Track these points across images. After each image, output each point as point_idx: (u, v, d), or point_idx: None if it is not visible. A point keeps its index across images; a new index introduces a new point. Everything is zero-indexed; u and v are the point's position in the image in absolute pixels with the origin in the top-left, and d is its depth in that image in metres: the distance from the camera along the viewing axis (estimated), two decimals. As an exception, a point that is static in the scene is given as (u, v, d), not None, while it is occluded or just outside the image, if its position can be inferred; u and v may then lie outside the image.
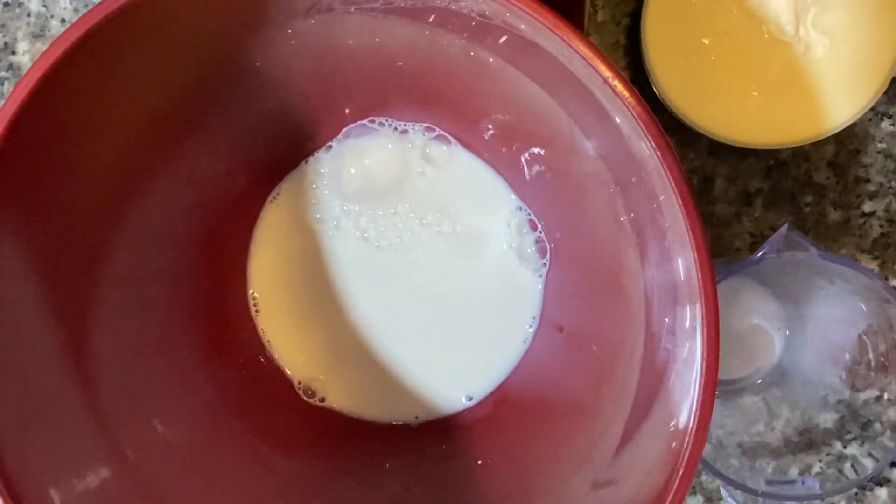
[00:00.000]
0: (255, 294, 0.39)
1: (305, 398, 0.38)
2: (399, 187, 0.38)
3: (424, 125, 0.37)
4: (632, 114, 0.25)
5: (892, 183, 0.41)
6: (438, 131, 0.38)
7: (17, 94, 0.26)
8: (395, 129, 0.38)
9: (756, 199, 0.41)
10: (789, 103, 0.37)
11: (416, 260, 0.38)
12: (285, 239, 0.38)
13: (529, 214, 0.37)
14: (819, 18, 0.36)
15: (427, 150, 0.38)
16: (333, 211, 0.38)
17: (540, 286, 0.38)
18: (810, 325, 0.40)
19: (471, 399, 0.38)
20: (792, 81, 0.36)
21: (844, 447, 0.38)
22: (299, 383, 0.38)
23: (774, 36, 0.36)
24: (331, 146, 0.38)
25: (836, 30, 0.36)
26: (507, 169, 0.37)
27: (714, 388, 0.25)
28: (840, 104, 0.36)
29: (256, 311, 0.38)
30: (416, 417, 0.38)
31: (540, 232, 0.37)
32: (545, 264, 0.37)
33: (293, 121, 0.36)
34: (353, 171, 0.38)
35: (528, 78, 0.30)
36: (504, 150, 0.37)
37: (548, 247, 0.37)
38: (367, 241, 0.38)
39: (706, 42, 0.36)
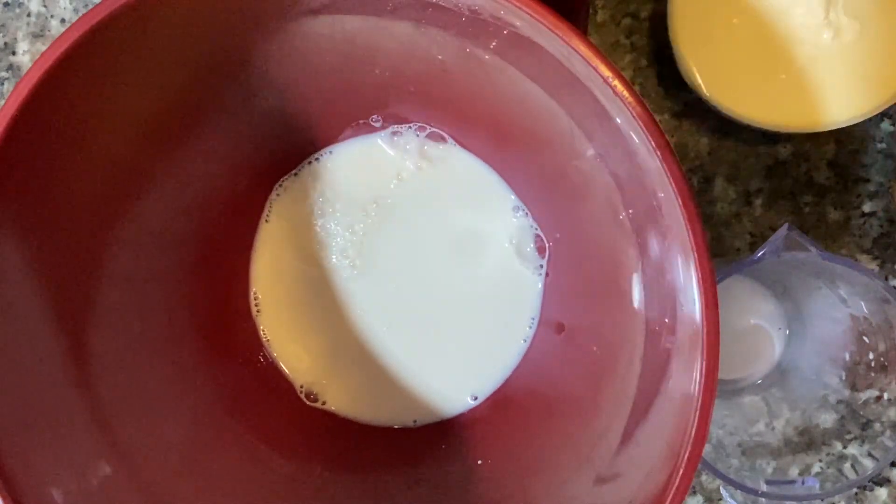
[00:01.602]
0: (257, 294, 0.39)
1: (308, 402, 0.38)
2: (399, 186, 0.38)
3: (424, 124, 0.38)
4: (632, 114, 0.25)
5: (893, 183, 0.41)
6: (438, 130, 0.38)
7: (17, 94, 0.26)
8: (396, 128, 0.38)
9: (756, 199, 0.41)
10: (817, 87, 0.36)
11: (415, 260, 0.38)
12: (286, 239, 0.38)
13: (528, 214, 0.37)
14: (850, 3, 0.35)
15: (426, 150, 0.38)
16: (334, 210, 0.38)
17: (539, 285, 0.38)
18: (810, 325, 0.40)
19: (475, 398, 0.38)
20: (820, 66, 0.36)
21: (844, 447, 0.38)
22: (301, 387, 0.38)
23: (804, 19, 0.36)
24: (331, 146, 0.38)
25: (867, 16, 0.35)
26: (505, 168, 0.37)
27: (714, 387, 0.25)
28: (868, 91, 0.36)
29: (258, 312, 0.38)
30: (415, 421, 0.38)
31: (539, 231, 0.37)
32: (544, 264, 0.37)
33: (293, 121, 0.36)
34: (353, 169, 0.38)
35: (528, 78, 0.30)
36: (503, 149, 0.37)
37: (547, 246, 0.37)
38: (367, 241, 0.38)
39: (735, 22, 0.36)
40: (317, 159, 0.38)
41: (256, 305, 0.39)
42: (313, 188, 0.38)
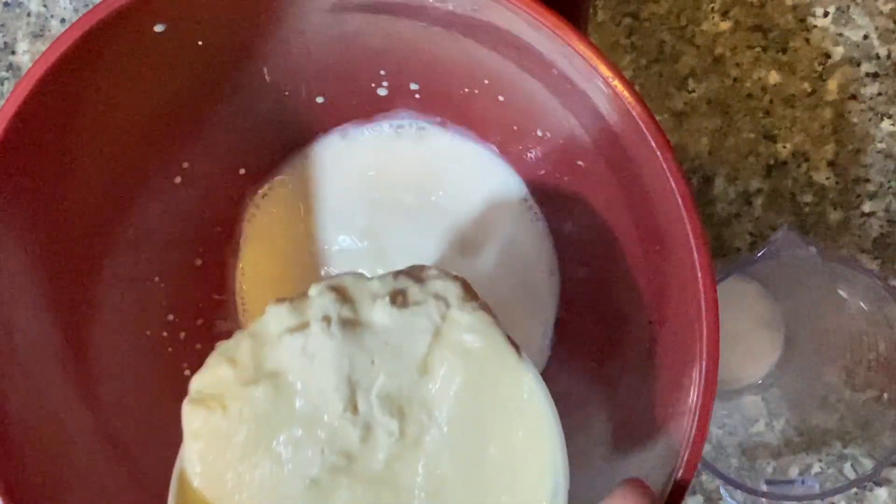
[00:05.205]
0: (257, 294, 0.39)
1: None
2: (401, 182, 0.38)
3: (426, 121, 0.38)
4: (632, 114, 0.25)
5: (892, 183, 0.41)
6: (440, 127, 0.38)
7: (17, 94, 0.26)
8: (398, 125, 0.38)
9: (756, 199, 0.42)
10: None
11: (418, 254, 0.38)
12: (286, 237, 0.38)
13: (536, 210, 0.37)
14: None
15: (428, 147, 0.38)
16: (335, 207, 0.38)
17: (546, 283, 0.37)
18: (810, 325, 0.40)
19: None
20: None
21: (844, 447, 0.38)
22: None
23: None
24: (332, 143, 0.38)
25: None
26: (508, 165, 0.37)
27: (714, 387, 0.25)
28: None
29: (257, 311, 0.38)
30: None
31: (546, 227, 0.37)
32: (553, 262, 0.37)
33: (294, 120, 0.36)
34: (354, 165, 0.38)
35: (529, 76, 0.30)
36: (504, 147, 0.37)
37: (552, 246, 0.37)
38: (368, 238, 0.38)
39: None
40: (318, 158, 0.38)
41: (255, 305, 0.39)
42: (314, 185, 0.38)
